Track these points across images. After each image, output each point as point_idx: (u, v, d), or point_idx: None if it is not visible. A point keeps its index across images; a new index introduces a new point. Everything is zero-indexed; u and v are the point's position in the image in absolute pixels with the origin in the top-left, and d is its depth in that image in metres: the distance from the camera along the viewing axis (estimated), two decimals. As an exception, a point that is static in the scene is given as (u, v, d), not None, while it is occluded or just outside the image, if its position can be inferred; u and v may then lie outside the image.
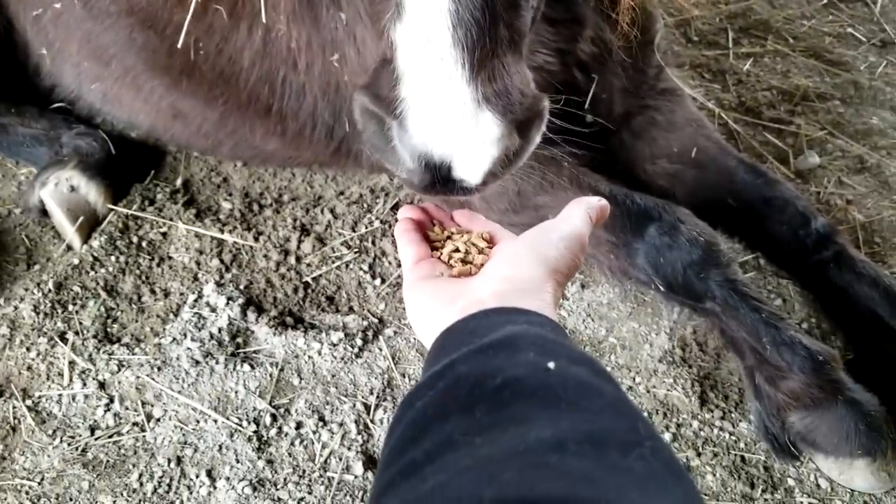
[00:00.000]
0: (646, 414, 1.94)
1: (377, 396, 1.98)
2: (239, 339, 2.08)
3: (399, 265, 2.28)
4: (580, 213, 1.16)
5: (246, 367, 2.01)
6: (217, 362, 2.01)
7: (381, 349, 2.07)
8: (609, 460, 0.68)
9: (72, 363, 2.03)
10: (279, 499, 1.79)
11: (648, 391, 2.00)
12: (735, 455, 1.89)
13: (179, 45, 2.22)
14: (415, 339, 2.10)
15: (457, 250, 1.22)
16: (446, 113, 1.22)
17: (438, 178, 1.26)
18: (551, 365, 0.81)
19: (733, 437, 1.93)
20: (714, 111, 2.71)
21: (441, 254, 1.22)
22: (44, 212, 2.34)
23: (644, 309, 2.18)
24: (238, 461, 1.85)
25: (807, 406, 1.79)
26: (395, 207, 2.42)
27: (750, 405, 1.93)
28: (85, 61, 2.42)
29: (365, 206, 2.43)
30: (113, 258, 2.27)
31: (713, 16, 3.18)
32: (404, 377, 2.02)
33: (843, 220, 2.39)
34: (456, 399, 0.81)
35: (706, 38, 3.08)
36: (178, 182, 2.52)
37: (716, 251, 1.86)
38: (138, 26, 2.31)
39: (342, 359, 2.03)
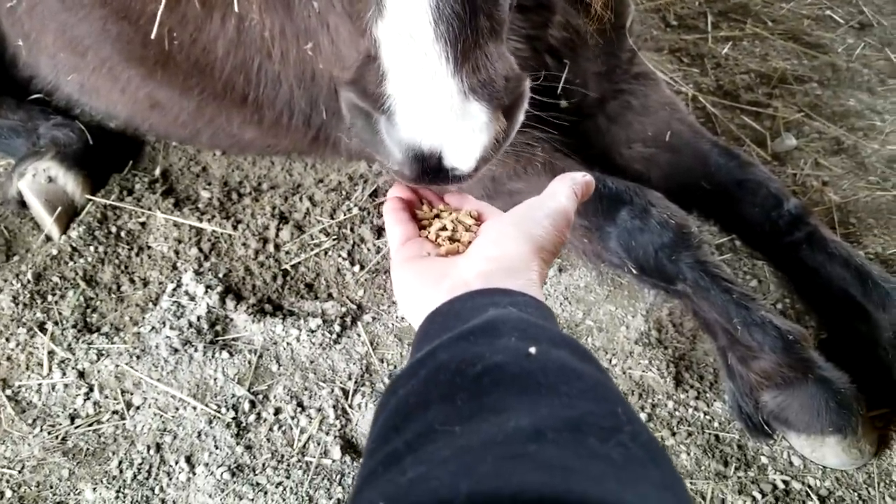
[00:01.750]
0: (621, 395, 1.96)
1: (355, 382, 1.99)
2: (218, 327, 2.09)
3: (378, 251, 2.29)
4: (565, 189, 1.17)
5: (225, 354, 2.02)
6: (196, 350, 2.02)
7: (359, 335, 2.08)
8: (587, 448, 0.68)
9: (51, 353, 2.04)
10: (258, 484, 1.81)
11: (624, 372, 2.02)
12: (709, 434, 1.91)
13: (153, 36, 2.22)
14: (393, 324, 2.12)
15: (444, 228, 1.23)
16: (433, 107, 1.24)
17: (429, 169, 1.27)
18: (532, 350, 0.81)
19: (707, 417, 1.95)
20: (692, 95, 2.72)
21: (429, 232, 1.23)
22: (22, 203, 2.34)
23: (621, 292, 2.20)
24: (217, 447, 1.87)
25: (778, 385, 1.81)
26: (374, 194, 2.43)
27: (724, 385, 1.95)
28: (61, 52, 2.42)
29: (343, 193, 2.44)
30: (92, 248, 2.28)
31: (691, 0, 3.18)
32: (382, 362, 2.04)
33: (819, 202, 2.41)
34: (437, 387, 0.81)
35: (685, 22, 3.09)
36: (157, 172, 2.53)
37: (686, 234, 1.88)
38: (112, 17, 2.31)
39: (321, 345, 2.05)
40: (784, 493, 1.80)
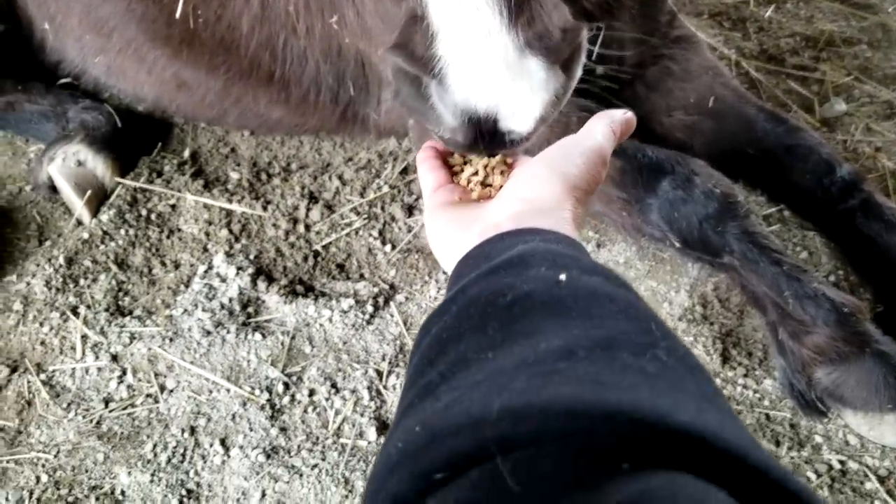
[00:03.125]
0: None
1: (389, 362, 1.94)
2: (250, 309, 2.06)
3: (409, 230, 2.24)
4: (602, 127, 1.12)
5: (257, 336, 1.99)
6: (228, 332, 1.99)
7: (392, 315, 2.03)
8: (620, 362, 0.67)
9: (84, 337, 2.02)
10: (293, 466, 1.77)
11: (668, 350, 1.94)
12: (759, 413, 1.83)
13: (178, 14, 2.19)
14: (426, 304, 2.06)
15: (475, 174, 1.19)
16: (490, 65, 1.16)
17: (484, 133, 1.20)
18: (562, 277, 0.80)
19: (757, 395, 1.87)
20: (735, 60, 2.61)
21: (460, 179, 1.20)
22: (52, 188, 2.33)
23: (663, 266, 2.12)
24: (251, 429, 1.84)
25: (833, 360, 1.72)
26: (404, 172, 2.38)
27: (774, 362, 1.87)
28: (87, 34, 2.40)
29: (373, 171, 2.39)
30: (122, 231, 2.26)
31: (733, -38, 3.05)
32: (416, 342, 1.99)
33: (871, 168, 2.30)
34: (468, 320, 0.81)
35: (725, -15, 2.97)
36: (186, 153, 2.50)
37: (733, 203, 1.79)
38: (137, -4, 2.28)
39: (353, 326, 2.00)
40: (840, 473, 1.72)
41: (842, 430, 1.80)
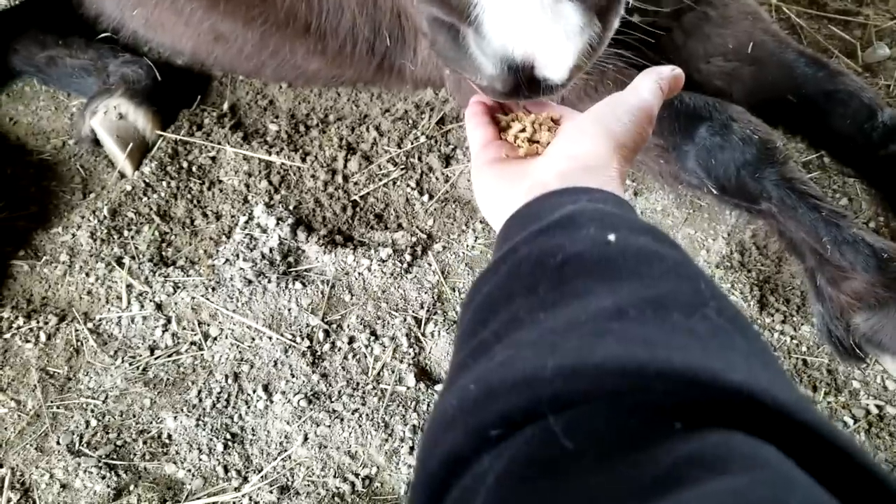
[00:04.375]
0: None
1: (427, 311, 1.98)
2: (290, 259, 2.09)
3: (446, 181, 2.25)
4: (649, 83, 1.11)
5: (298, 285, 2.03)
6: (269, 281, 2.03)
7: (430, 264, 2.06)
8: (670, 322, 0.68)
9: (129, 286, 2.08)
10: (334, 410, 1.82)
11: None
12: (797, 359, 1.84)
13: (215, -36, 2.19)
14: (463, 252, 2.09)
15: (523, 130, 1.19)
16: (525, 10, 1.15)
17: (522, 80, 1.19)
18: (611, 237, 0.80)
19: (795, 341, 1.87)
20: (775, 5, 2.56)
21: (508, 135, 1.20)
22: (95, 141, 2.37)
23: (700, 214, 2.11)
24: (293, 376, 1.89)
25: (871, 306, 1.72)
26: (441, 122, 2.38)
27: (812, 308, 1.87)
28: (125, -13, 2.42)
29: (410, 122, 2.40)
30: (164, 183, 2.30)
31: None
32: (454, 291, 2.01)
33: (915, 115, 2.25)
34: (519, 280, 0.81)
35: (766, -71, 2.89)
36: (225, 106, 2.53)
37: (771, 149, 1.77)
38: (174, -53, 2.28)
39: (392, 274, 2.03)
40: (878, 418, 1.72)
41: (880, 376, 1.80)
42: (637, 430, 0.59)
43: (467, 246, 2.10)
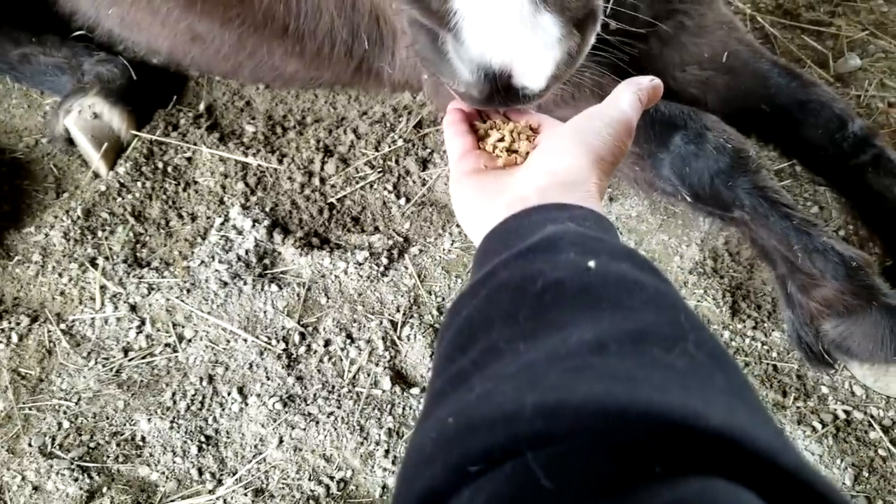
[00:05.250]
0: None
1: (403, 314, 1.98)
2: (266, 261, 2.09)
3: (423, 184, 2.26)
4: (628, 95, 1.11)
5: (273, 287, 2.03)
6: (245, 283, 2.03)
7: (406, 267, 2.07)
8: (650, 358, 0.68)
9: (103, 287, 2.06)
10: (309, 413, 1.82)
11: (678, 303, 1.97)
12: (767, 364, 1.87)
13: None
14: (440, 256, 2.09)
15: (502, 139, 1.19)
16: (504, 19, 1.17)
17: (499, 88, 1.20)
18: (592, 264, 0.80)
19: (765, 347, 1.90)
20: (750, 14, 2.59)
21: (486, 144, 1.20)
22: (69, 140, 2.35)
23: (674, 220, 2.14)
24: (268, 378, 1.88)
25: (840, 313, 1.75)
26: (419, 126, 2.39)
27: (783, 314, 1.90)
28: (100, -15, 2.40)
29: (388, 125, 2.40)
30: (139, 184, 2.28)
31: (749, -85, 3.01)
32: (430, 294, 2.02)
33: (884, 124, 2.30)
34: (499, 306, 0.81)
35: (742, -61, 2.92)
36: (202, 107, 2.51)
37: (744, 158, 1.80)
38: (151, -54, 2.27)
39: (368, 277, 2.04)
40: (845, 423, 1.76)
41: (848, 381, 1.84)
42: (617, 473, 0.59)
43: (444, 249, 2.11)
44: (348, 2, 2.20)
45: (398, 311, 1.99)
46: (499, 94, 1.21)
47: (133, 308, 2.03)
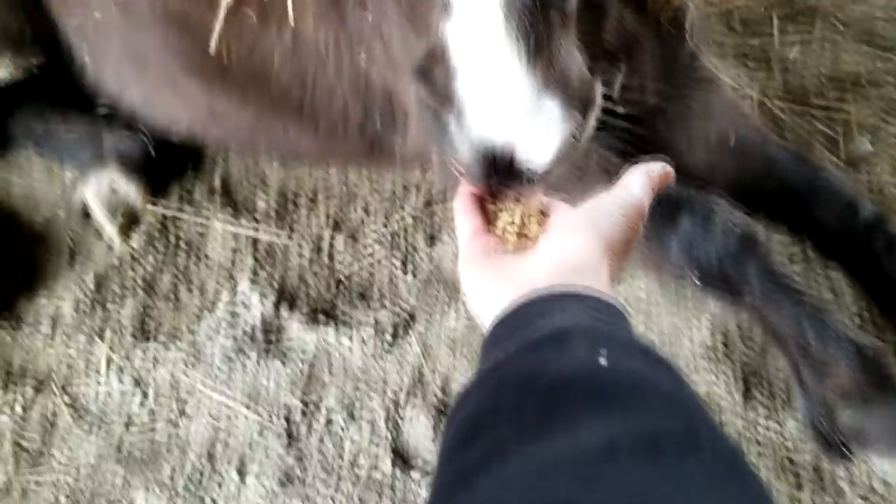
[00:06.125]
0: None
1: (407, 392, 1.96)
2: (271, 335, 2.08)
3: (430, 260, 2.26)
4: (640, 180, 1.11)
5: (277, 362, 2.02)
6: (249, 358, 2.02)
7: (411, 344, 2.05)
8: (665, 467, 0.65)
9: (109, 359, 2.06)
10: (307, 496, 1.79)
11: (688, 387, 1.93)
12: (781, 455, 1.81)
13: (212, 47, 2.25)
14: (446, 334, 2.08)
15: (512, 222, 1.17)
16: (507, 103, 1.19)
17: (501, 168, 1.22)
18: (602, 360, 0.77)
19: (780, 436, 1.85)
20: (759, 99, 2.61)
21: (496, 226, 1.19)
22: (86, 212, 2.39)
23: (684, 302, 2.11)
24: (267, 457, 1.86)
25: (857, 403, 1.70)
26: (428, 203, 2.40)
27: (797, 402, 1.84)
28: (124, 66, 2.47)
29: (397, 201, 2.42)
30: (151, 256, 2.31)
31: (757, 4, 3.06)
32: (434, 373, 1.99)
33: (897, 209, 2.28)
34: (505, 401, 0.78)
35: (750, 27, 2.96)
36: (217, 181, 2.55)
37: (753, 240, 1.79)
38: (173, 30, 2.34)
39: (372, 354, 2.02)
40: (863, 518, 1.69)
41: (867, 475, 1.77)
42: None
43: (450, 327, 2.09)
44: (362, 82, 2.25)
45: (401, 388, 1.96)
46: (501, 173, 1.22)
47: (137, 381, 2.03)
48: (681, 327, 2.06)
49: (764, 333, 1.92)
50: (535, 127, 1.21)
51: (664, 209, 1.85)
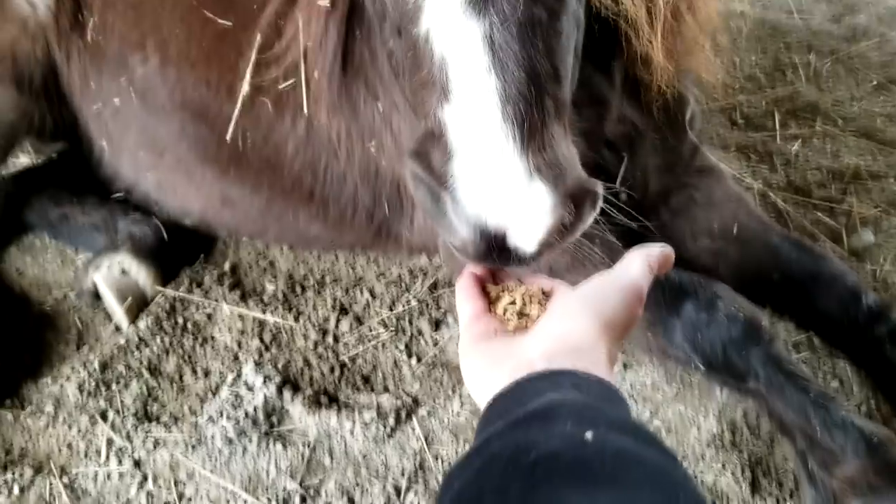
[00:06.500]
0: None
1: (408, 479, 1.92)
2: (273, 418, 2.07)
3: (435, 344, 2.26)
4: (639, 262, 1.12)
5: (279, 446, 1.99)
6: (250, 441, 2.00)
7: (413, 429, 2.03)
8: None
9: (110, 441, 2.05)
10: (304, 583, 1.74)
11: (696, 477, 1.90)
12: (791, 548, 1.76)
13: (228, 137, 2.33)
14: (449, 419, 2.06)
15: (513, 303, 1.19)
16: (500, 185, 1.23)
17: (494, 247, 1.25)
18: (588, 436, 0.77)
19: (788, 529, 1.80)
20: (761, 190, 2.66)
21: (497, 308, 1.20)
22: (96, 295, 2.42)
23: (690, 390, 2.09)
24: (265, 543, 1.82)
25: (865, 492, 1.66)
26: (434, 287, 2.42)
27: (805, 493, 1.80)
28: (141, 152, 2.55)
29: (403, 286, 2.44)
30: (158, 339, 2.32)
31: (759, 100, 3.16)
32: (437, 459, 1.97)
33: (901, 299, 2.28)
34: (490, 479, 0.78)
35: (752, 122, 3.05)
36: (226, 265, 2.59)
37: (757, 328, 1.78)
38: (190, 119, 2.43)
39: (374, 439, 2.00)
40: None
41: (878, 569, 1.71)
42: None
43: (453, 412, 2.07)
44: (372, 171, 2.31)
45: (403, 475, 1.93)
46: (493, 252, 1.24)
47: (137, 463, 2.00)
48: (687, 416, 2.03)
49: (770, 422, 1.89)
50: (526, 209, 1.24)
51: (668, 295, 1.86)
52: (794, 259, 2.07)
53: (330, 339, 2.29)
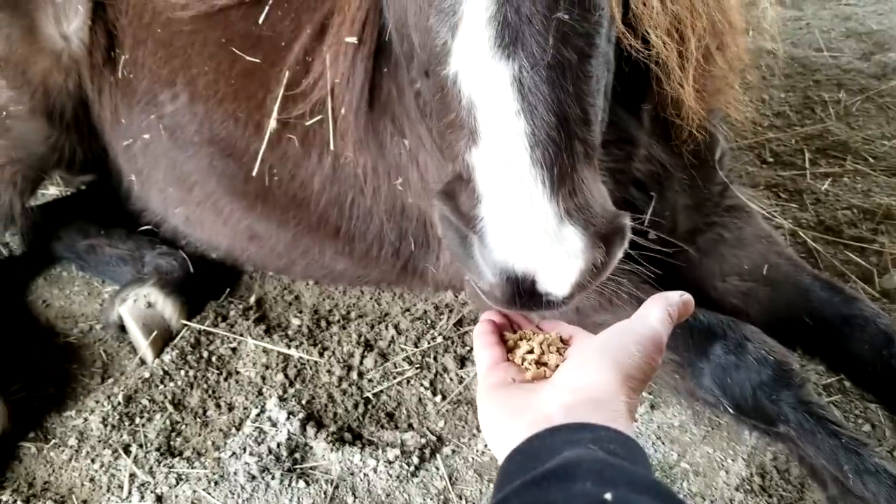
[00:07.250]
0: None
1: (432, 519, 1.90)
2: (297, 455, 2.05)
3: (460, 381, 2.24)
4: (658, 311, 1.11)
5: (301, 483, 1.98)
6: (273, 478, 1.99)
7: (437, 468, 2.01)
8: None
9: (132, 475, 2.04)
10: None
11: (724, 523, 1.85)
12: None
13: (255, 172, 2.35)
14: (473, 458, 2.03)
15: (531, 351, 1.19)
16: (528, 229, 1.23)
17: (522, 292, 1.24)
18: (608, 496, 0.76)
19: (821, 579, 1.75)
20: (791, 229, 2.63)
21: (515, 356, 1.19)
22: (122, 327, 2.44)
23: (719, 433, 2.05)
24: (286, 583, 1.79)
25: (898, 542, 1.62)
26: (459, 323, 2.41)
27: (837, 541, 1.76)
28: (170, 187, 2.59)
29: (429, 322, 2.43)
30: (182, 372, 2.32)
31: (788, 137, 3.14)
32: (461, 499, 1.94)
33: (935, 343, 2.23)
34: None
35: (781, 159, 3.03)
36: (252, 299, 2.60)
37: (787, 371, 1.75)
38: (218, 155, 2.46)
39: (398, 477, 1.98)
40: None
41: None
42: None
43: (478, 451, 2.05)
44: (398, 208, 2.32)
45: (427, 516, 1.91)
46: (522, 298, 1.23)
47: (159, 498, 1.99)
48: (715, 459, 1.99)
49: (801, 466, 1.85)
50: (555, 255, 1.23)
51: (697, 337, 1.83)
52: (825, 300, 2.04)
53: (354, 375, 2.28)
